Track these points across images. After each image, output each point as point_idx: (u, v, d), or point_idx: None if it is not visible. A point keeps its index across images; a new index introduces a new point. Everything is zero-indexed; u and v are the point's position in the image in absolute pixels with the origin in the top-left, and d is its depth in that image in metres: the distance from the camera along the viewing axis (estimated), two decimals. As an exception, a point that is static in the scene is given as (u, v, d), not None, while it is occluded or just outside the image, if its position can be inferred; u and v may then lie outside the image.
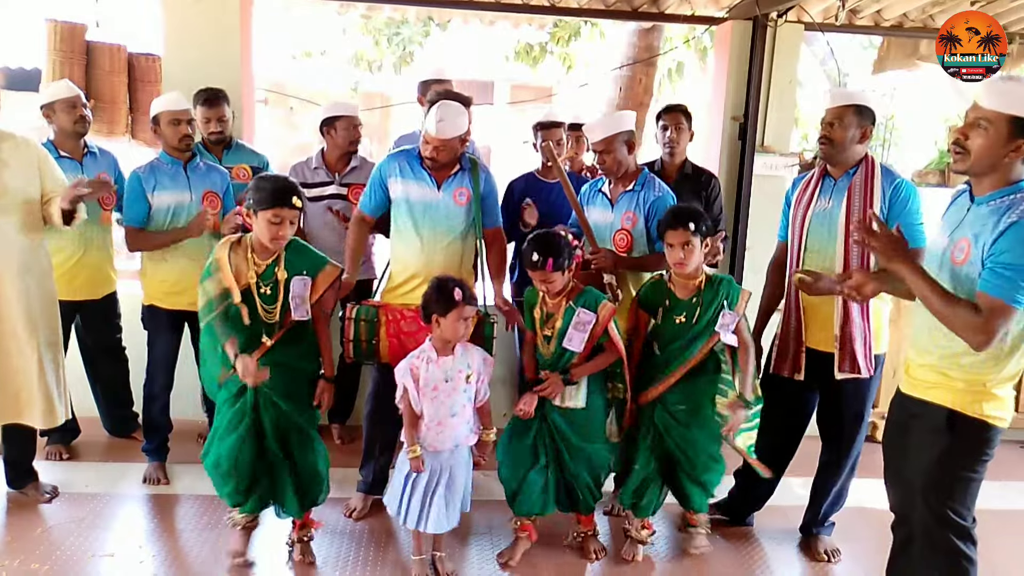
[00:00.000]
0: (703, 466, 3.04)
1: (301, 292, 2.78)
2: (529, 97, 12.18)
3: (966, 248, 2.17)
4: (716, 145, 4.71)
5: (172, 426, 3.72)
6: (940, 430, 2.28)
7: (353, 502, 3.42)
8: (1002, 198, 2.14)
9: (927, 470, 2.34)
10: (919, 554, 2.45)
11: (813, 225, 3.01)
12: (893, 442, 2.54)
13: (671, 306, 2.99)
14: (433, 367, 2.76)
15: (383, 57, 9.93)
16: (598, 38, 8.23)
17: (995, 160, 2.13)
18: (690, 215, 2.89)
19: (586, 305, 2.91)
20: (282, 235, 2.70)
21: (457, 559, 3.09)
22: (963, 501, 2.32)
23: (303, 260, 2.82)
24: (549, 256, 2.81)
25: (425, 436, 2.80)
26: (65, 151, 3.60)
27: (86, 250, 3.64)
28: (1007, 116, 2.09)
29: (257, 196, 2.68)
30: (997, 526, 3.56)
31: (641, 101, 7.06)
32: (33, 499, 3.38)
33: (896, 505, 2.57)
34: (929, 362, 2.31)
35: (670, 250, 2.91)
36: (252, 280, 2.74)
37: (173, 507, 3.43)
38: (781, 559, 3.26)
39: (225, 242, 2.78)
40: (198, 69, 4.11)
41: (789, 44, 4.57)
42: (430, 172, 3.18)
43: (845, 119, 2.89)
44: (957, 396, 2.25)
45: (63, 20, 4.46)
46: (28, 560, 2.94)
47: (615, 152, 3.20)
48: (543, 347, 3.01)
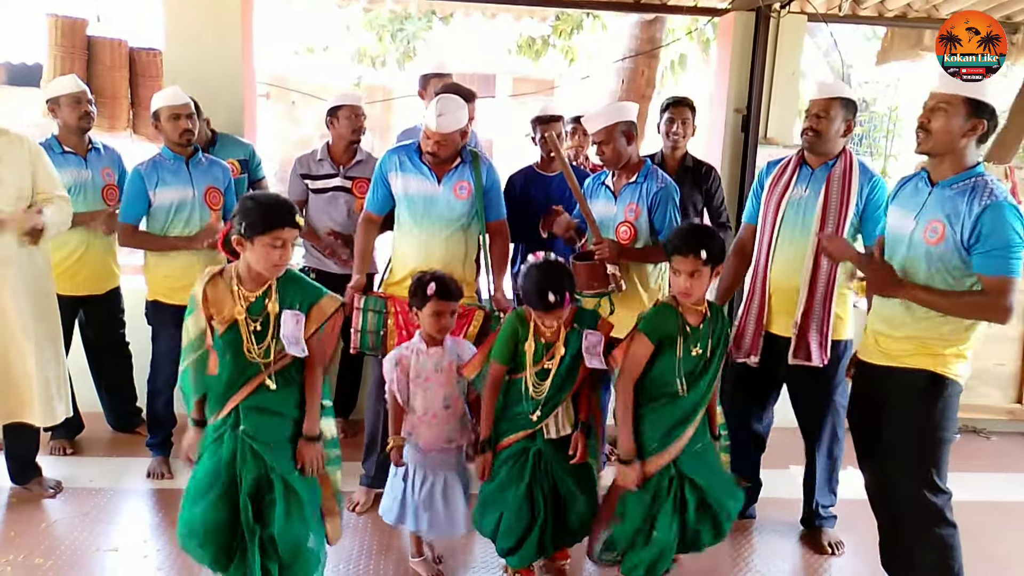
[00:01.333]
0: (730, 507, 2.68)
1: (293, 329, 2.34)
2: (531, 90, 12.15)
3: (940, 229, 2.37)
4: (719, 137, 4.69)
5: (176, 421, 3.73)
6: (924, 392, 2.47)
7: (356, 496, 3.42)
8: (963, 181, 2.37)
9: (909, 436, 2.50)
10: (908, 529, 2.57)
11: (788, 213, 3.03)
12: (865, 417, 2.68)
13: (691, 333, 2.57)
14: (424, 357, 2.73)
15: (386, 52, 9.90)
16: (600, 30, 8.19)
17: (953, 139, 2.36)
18: (702, 240, 2.51)
19: (589, 326, 2.68)
20: (284, 260, 2.32)
21: (462, 553, 3.09)
22: (941, 465, 2.51)
23: (297, 292, 2.40)
24: (564, 290, 2.53)
25: (417, 429, 2.76)
26: (69, 147, 3.60)
27: (88, 246, 3.64)
28: (962, 98, 2.33)
29: (249, 220, 2.27)
30: (1000, 518, 3.56)
31: (643, 93, 7.04)
32: (37, 494, 3.40)
33: (872, 484, 2.70)
34: (906, 334, 2.49)
35: (675, 277, 2.54)
36: (240, 315, 2.33)
37: (177, 501, 3.37)
38: (784, 552, 3.26)
39: (205, 275, 2.40)
40: (199, 64, 4.11)
41: (792, 35, 4.55)
42: (430, 166, 3.18)
43: (832, 111, 2.93)
44: (938, 359, 2.46)
45: (64, 15, 4.47)
46: (33, 555, 2.95)
47: (614, 142, 3.19)
48: (533, 387, 2.63)
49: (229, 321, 2.35)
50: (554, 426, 2.72)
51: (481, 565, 3.05)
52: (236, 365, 2.36)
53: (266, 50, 5.86)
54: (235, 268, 2.39)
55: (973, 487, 3.74)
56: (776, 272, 3.04)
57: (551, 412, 2.68)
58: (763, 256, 3.08)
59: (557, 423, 2.72)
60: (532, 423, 2.67)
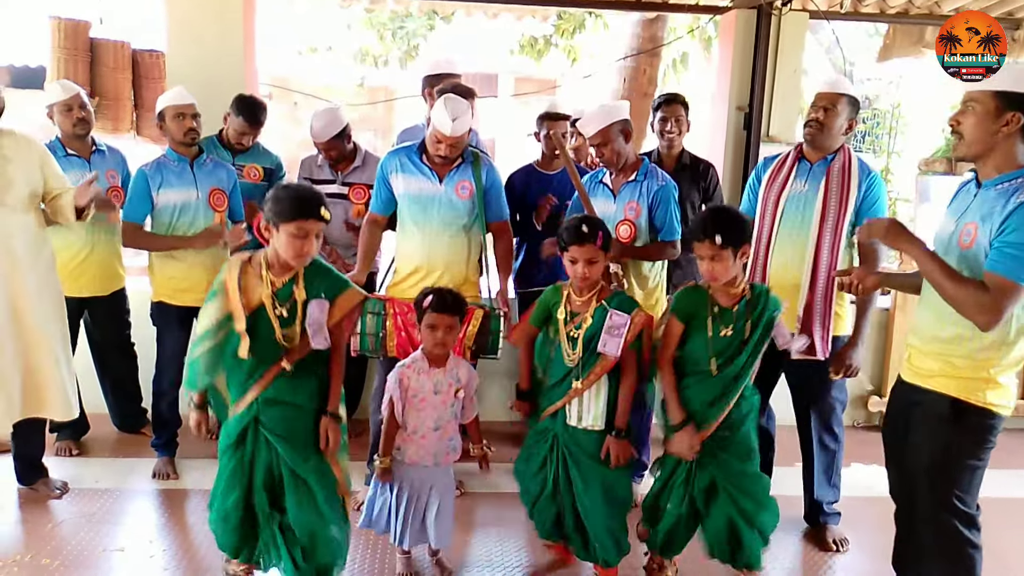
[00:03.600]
0: (757, 501, 2.67)
1: (318, 317, 2.41)
2: (533, 89, 12.16)
3: (973, 232, 2.19)
4: (721, 135, 4.69)
5: (181, 421, 3.74)
6: (943, 418, 2.28)
7: (361, 496, 3.43)
8: (1009, 181, 2.17)
9: (930, 459, 2.35)
10: (925, 543, 2.46)
11: (787, 208, 3.02)
12: (894, 430, 2.56)
13: (719, 313, 2.59)
14: (424, 378, 2.71)
15: (388, 52, 9.91)
16: (602, 29, 8.20)
17: (988, 137, 2.18)
18: (717, 224, 2.51)
19: (620, 307, 2.64)
20: (307, 251, 2.36)
21: (463, 552, 3.10)
22: (967, 489, 2.34)
23: (323, 281, 2.48)
24: (598, 228, 2.60)
25: (405, 445, 2.74)
26: (72, 149, 3.61)
27: (93, 247, 3.65)
28: (990, 92, 2.17)
29: (277, 208, 2.35)
30: (1004, 515, 3.56)
31: (645, 92, 7.04)
32: (43, 495, 3.41)
33: (896, 491, 2.60)
34: (933, 349, 2.32)
35: (700, 263, 2.56)
36: (267, 300, 2.40)
37: (182, 501, 3.45)
38: (789, 549, 3.26)
39: (234, 261, 2.46)
40: (202, 65, 4.12)
41: (794, 33, 4.55)
42: (431, 166, 3.19)
43: (839, 105, 2.94)
44: (961, 384, 2.26)
45: (67, 17, 4.49)
46: (39, 555, 2.97)
47: (612, 143, 3.19)
48: (567, 353, 2.68)
49: (255, 306, 2.40)
50: (577, 410, 2.70)
51: (485, 564, 3.05)
52: (258, 351, 2.41)
53: (268, 51, 5.87)
54: (264, 254, 2.45)
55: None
56: (776, 267, 3.05)
57: (585, 377, 2.65)
58: (761, 251, 3.08)
59: (581, 407, 2.69)
60: (567, 389, 2.68)
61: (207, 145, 3.82)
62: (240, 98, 3.87)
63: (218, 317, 2.42)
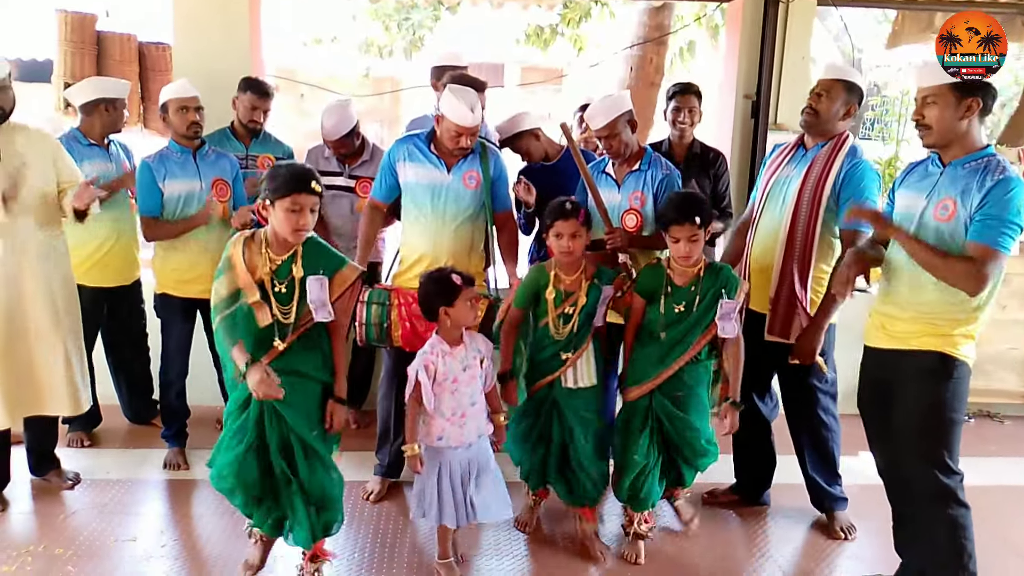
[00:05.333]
0: (702, 451, 2.99)
1: (319, 293, 2.53)
2: (539, 79, 12.13)
3: (951, 207, 2.38)
4: (729, 123, 4.67)
5: (190, 412, 3.77)
6: (935, 372, 2.47)
7: (370, 485, 3.45)
8: (976, 160, 2.39)
9: (918, 418, 2.51)
10: (921, 509, 2.58)
11: (772, 191, 3.07)
12: (874, 401, 2.70)
13: (671, 293, 2.91)
14: (449, 359, 2.69)
15: (393, 42, 9.88)
16: (608, 18, 8.15)
17: (952, 126, 2.40)
18: (693, 207, 2.79)
19: (607, 280, 2.96)
20: (303, 224, 2.48)
21: (472, 537, 3.12)
22: (952, 446, 2.52)
23: (321, 258, 2.59)
24: (580, 206, 2.87)
25: (447, 432, 2.71)
26: (93, 139, 3.64)
27: (119, 237, 3.68)
28: (946, 86, 2.39)
29: (273, 184, 2.48)
30: (1014, 502, 3.56)
31: (652, 80, 7.01)
32: (56, 486, 3.44)
33: (884, 466, 2.72)
34: (913, 315, 2.50)
35: (675, 245, 2.84)
36: (267, 277, 2.52)
37: (193, 492, 3.48)
38: (796, 537, 3.27)
39: (238, 238, 2.58)
40: (208, 57, 4.13)
41: (802, 20, 4.51)
42: (439, 155, 3.19)
43: (833, 92, 2.94)
44: (946, 340, 2.46)
45: (73, 11, 4.50)
46: (53, 545, 3.00)
47: (620, 134, 3.19)
48: (555, 329, 2.94)
49: (258, 282, 2.52)
50: (572, 376, 2.96)
51: (494, 551, 3.07)
52: (260, 329, 2.52)
53: (274, 42, 5.87)
54: (264, 233, 2.57)
55: (986, 471, 3.73)
56: (756, 249, 3.10)
57: (577, 349, 2.94)
58: (750, 235, 3.15)
59: (576, 373, 2.96)
60: (557, 365, 2.95)
61: (220, 138, 3.83)
62: (245, 78, 3.91)
63: (229, 291, 2.53)
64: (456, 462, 2.74)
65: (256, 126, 3.93)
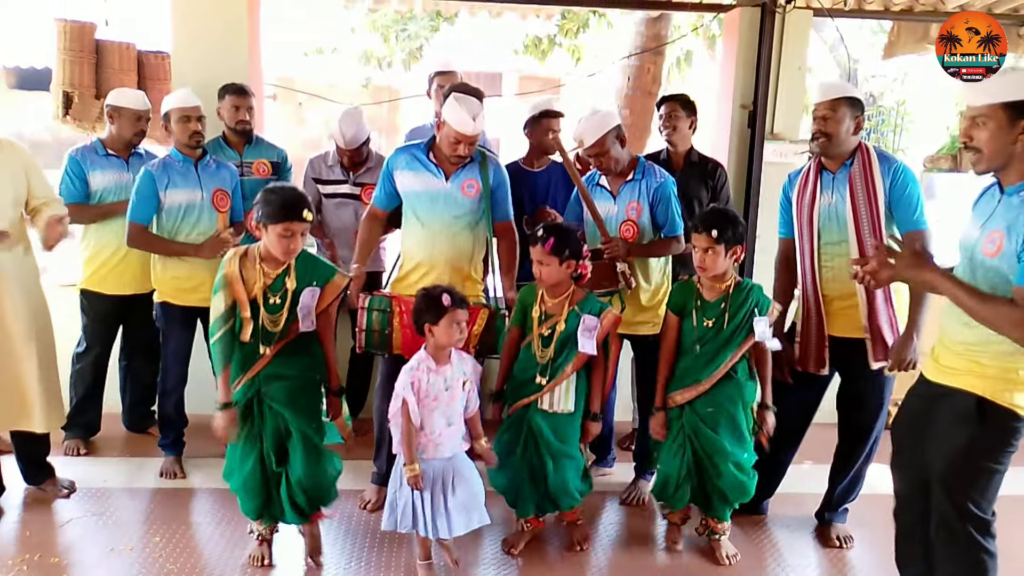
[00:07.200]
0: (728, 475, 2.93)
1: (309, 303, 2.74)
2: (537, 88, 12.15)
3: (998, 240, 2.14)
4: (725, 133, 4.69)
5: (187, 421, 3.76)
6: (968, 417, 2.23)
7: (367, 494, 3.44)
8: None
9: (950, 460, 2.30)
10: (938, 548, 2.41)
11: (824, 221, 3.00)
12: (910, 429, 2.49)
13: (701, 307, 2.94)
14: (434, 376, 2.72)
15: (392, 54, 9.92)
16: (606, 28, 8.19)
17: (1006, 148, 2.16)
18: (714, 221, 2.83)
19: (591, 312, 2.90)
20: (293, 248, 2.66)
21: (467, 545, 3.11)
22: (984, 494, 2.29)
23: (313, 270, 2.77)
24: (552, 237, 2.82)
25: (422, 445, 2.74)
26: (113, 151, 3.67)
27: None
28: (998, 105, 2.14)
29: (266, 210, 2.63)
30: (1017, 513, 3.54)
31: (650, 90, 7.03)
32: (52, 495, 3.42)
33: (904, 490, 2.54)
34: (959, 349, 2.28)
35: (694, 252, 2.90)
36: (259, 292, 2.69)
37: (190, 500, 3.47)
38: (794, 546, 3.26)
39: (233, 256, 2.71)
40: (207, 66, 4.13)
41: (798, 30, 4.54)
42: (437, 164, 3.19)
43: (839, 111, 2.89)
44: (988, 383, 2.21)
45: (72, 19, 4.50)
46: (48, 555, 2.98)
47: (609, 150, 3.22)
48: (538, 350, 2.94)
49: (253, 296, 2.68)
50: (548, 399, 2.94)
51: (492, 560, 3.06)
52: (259, 335, 2.71)
53: (273, 52, 5.89)
54: (257, 249, 2.73)
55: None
56: (828, 282, 3.01)
57: (555, 376, 2.92)
58: (808, 269, 3.04)
59: (553, 397, 2.93)
60: (536, 388, 2.94)
61: (212, 147, 3.82)
62: (221, 87, 3.88)
63: (227, 306, 2.67)
64: (431, 470, 2.77)
65: (245, 127, 3.89)
